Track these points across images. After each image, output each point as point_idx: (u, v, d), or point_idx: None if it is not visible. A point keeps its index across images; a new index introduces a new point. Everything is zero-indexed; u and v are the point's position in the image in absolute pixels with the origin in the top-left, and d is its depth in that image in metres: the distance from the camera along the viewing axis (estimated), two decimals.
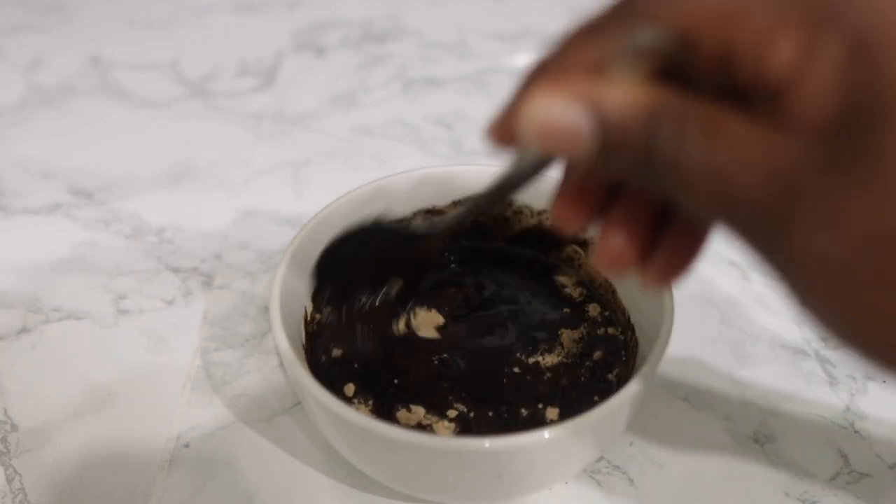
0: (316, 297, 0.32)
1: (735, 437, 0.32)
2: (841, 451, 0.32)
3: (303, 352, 0.31)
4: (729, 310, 0.38)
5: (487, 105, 0.54)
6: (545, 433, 0.24)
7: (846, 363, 0.35)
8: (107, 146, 0.50)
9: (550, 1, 0.66)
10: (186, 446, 0.32)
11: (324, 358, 0.32)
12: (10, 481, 0.31)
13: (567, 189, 0.21)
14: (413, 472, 0.27)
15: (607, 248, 0.20)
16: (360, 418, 0.25)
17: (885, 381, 0.35)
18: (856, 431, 0.33)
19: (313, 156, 0.49)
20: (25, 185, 0.47)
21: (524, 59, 0.59)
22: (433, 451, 0.25)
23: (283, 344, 0.27)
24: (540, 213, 0.35)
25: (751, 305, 0.38)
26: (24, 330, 0.37)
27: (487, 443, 0.24)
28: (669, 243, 0.20)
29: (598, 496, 0.30)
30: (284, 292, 0.29)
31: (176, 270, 0.40)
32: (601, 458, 0.31)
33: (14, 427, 0.33)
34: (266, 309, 0.38)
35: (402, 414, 0.30)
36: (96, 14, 0.66)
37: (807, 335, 0.37)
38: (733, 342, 0.36)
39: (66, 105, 0.54)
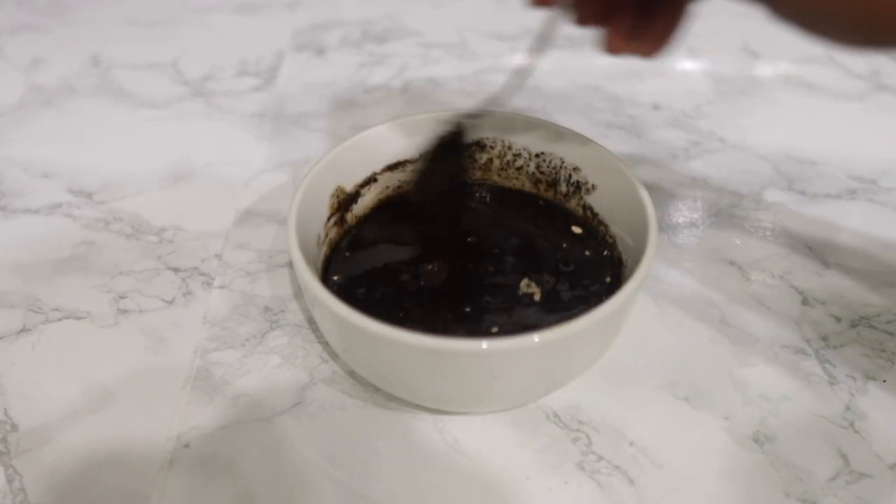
0: None
1: (735, 437, 0.32)
2: (841, 451, 0.32)
3: (316, 270, 0.34)
4: (729, 310, 0.38)
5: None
6: (535, 337, 0.26)
7: (846, 363, 0.35)
8: (107, 146, 0.50)
9: None
10: (186, 446, 0.32)
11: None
12: (10, 481, 0.31)
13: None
14: (413, 373, 0.29)
15: (610, 35, 0.28)
16: (364, 321, 0.27)
17: (884, 381, 0.35)
18: (856, 431, 0.33)
19: (313, 156, 0.49)
20: (25, 185, 0.47)
21: (524, 59, 0.59)
22: (433, 351, 0.27)
23: (297, 256, 0.30)
24: (538, 155, 0.39)
25: (751, 305, 0.38)
26: (24, 330, 0.37)
27: (485, 344, 0.26)
28: (654, 25, 0.28)
29: (598, 496, 0.30)
30: (302, 211, 0.33)
31: (176, 270, 0.40)
32: (601, 458, 0.31)
33: (14, 427, 0.33)
34: (266, 308, 0.38)
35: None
36: (96, 14, 0.66)
37: (807, 335, 0.37)
38: (733, 342, 0.36)
39: (66, 105, 0.54)
